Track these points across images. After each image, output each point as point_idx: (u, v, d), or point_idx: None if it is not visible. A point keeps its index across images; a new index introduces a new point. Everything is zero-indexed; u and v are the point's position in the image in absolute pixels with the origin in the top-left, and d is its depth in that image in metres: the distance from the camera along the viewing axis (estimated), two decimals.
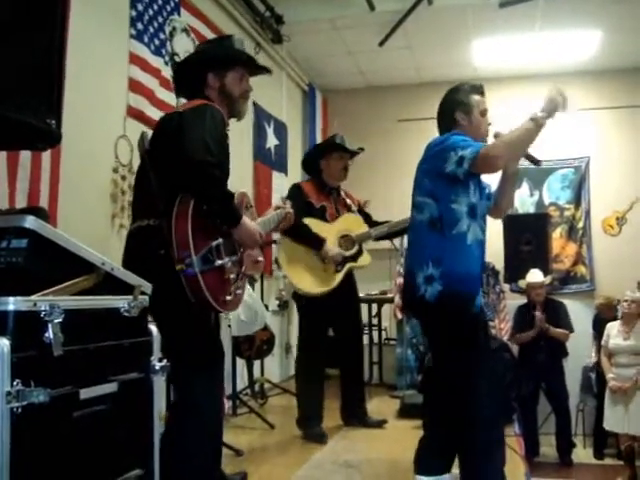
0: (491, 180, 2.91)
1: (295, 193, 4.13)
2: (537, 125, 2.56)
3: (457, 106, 2.81)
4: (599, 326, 6.31)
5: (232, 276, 2.50)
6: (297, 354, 4.26)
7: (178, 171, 2.37)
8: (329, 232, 4.10)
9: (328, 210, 4.19)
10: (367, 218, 4.37)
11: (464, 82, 2.92)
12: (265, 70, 2.92)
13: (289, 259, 4.05)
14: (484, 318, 2.84)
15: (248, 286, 3.93)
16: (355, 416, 4.26)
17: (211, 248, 2.37)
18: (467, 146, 2.57)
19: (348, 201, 4.35)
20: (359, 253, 4.23)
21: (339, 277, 4.11)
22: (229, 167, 2.64)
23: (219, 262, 2.40)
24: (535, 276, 6.16)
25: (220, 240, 2.42)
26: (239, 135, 5.47)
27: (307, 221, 4.02)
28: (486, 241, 2.77)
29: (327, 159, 4.21)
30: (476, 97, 2.84)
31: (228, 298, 2.48)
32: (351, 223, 4.26)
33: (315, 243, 4.01)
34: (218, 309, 2.51)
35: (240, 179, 5.13)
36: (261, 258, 2.77)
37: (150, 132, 2.67)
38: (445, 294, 2.58)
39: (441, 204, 2.64)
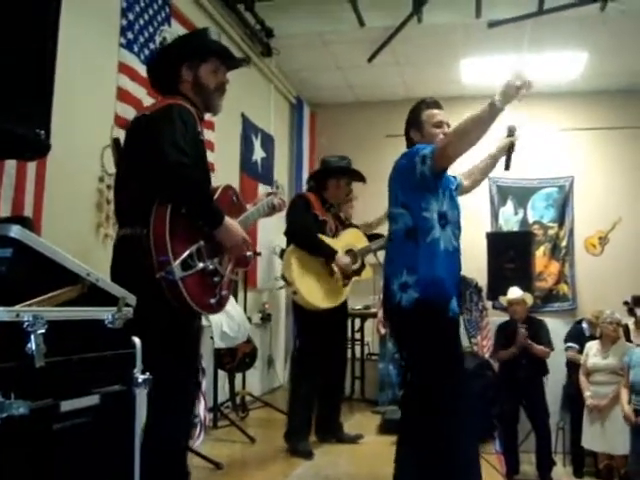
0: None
1: (302, 204, 4.17)
2: (492, 109, 2.52)
3: (410, 126, 2.97)
4: (580, 342, 6.33)
5: (216, 279, 2.44)
6: (295, 367, 4.24)
7: (153, 176, 2.32)
8: (335, 246, 4.13)
9: (328, 225, 4.23)
10: None
11: (420, 100, 3.01)
12: (242, 61, 2.84)
13: (300, 273, 4.03)
14: (458, 322, 2.91)
15: (232, 298, 3.91)
16: (330, 431, 4.24)
17: (191, 253, 2.32)
18: (428, 147, 2.71)
19: (342, 215, 4.43)
20: (362, 267, 4.29)
21: (346, 291, 4.17)
22: (207, 165, 2.59)
23: (200, 265, 2.35)
24: (514, 292, 6.17)
25: (201, 243, 2.37)
26: (226, 146, 5.47)
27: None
28: (461, 249, 2.85)
29: (338, 180, 4.25)
30: (427, 112, 2.92)
31: (212, 301, 2.43)
32: (354, 238, 4.32)
33: (328, 254, 4.05)
34: (202, 313, 2.49)
35: None
36: (249, 253, 2.67)
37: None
38: (421, 300, 2.65)
39: (414, 214, 2.73)
